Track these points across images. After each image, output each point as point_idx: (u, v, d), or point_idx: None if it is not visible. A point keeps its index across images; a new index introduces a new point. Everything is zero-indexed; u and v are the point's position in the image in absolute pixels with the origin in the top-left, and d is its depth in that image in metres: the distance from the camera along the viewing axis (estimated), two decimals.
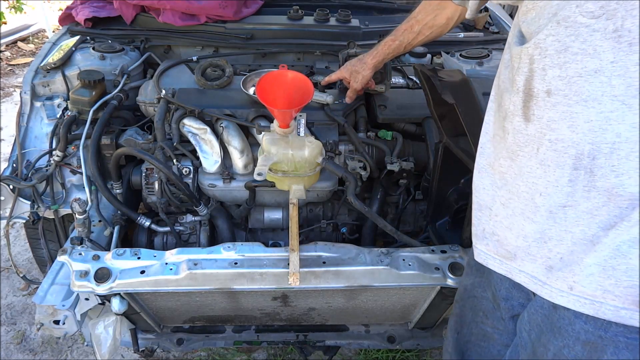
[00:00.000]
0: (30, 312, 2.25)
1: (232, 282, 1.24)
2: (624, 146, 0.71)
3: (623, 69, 0.68)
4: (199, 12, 1.80)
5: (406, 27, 1.34)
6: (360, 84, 1.46)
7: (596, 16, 0.69)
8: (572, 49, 0.72)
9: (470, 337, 1.12)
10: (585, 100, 0.72)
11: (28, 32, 5.15)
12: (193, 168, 1.48)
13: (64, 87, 1.62)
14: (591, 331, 0.80)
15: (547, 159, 0.79)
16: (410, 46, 1.36)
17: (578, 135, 0.74)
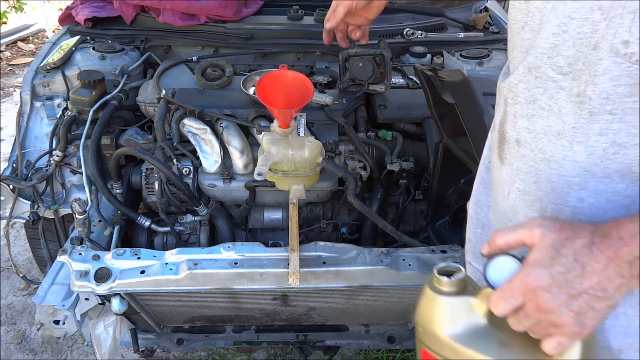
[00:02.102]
0: (30, 312, 2.25)
1: (232, 282, 1.24)
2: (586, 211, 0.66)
3: (584, 136, 0.62)
4: (199, 12, 1.80)
5: None
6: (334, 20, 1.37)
7: (564, 72, 0.63)
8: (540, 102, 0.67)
9: None
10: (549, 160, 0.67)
11: (28, 32, 5.15)
12: (193, 168, 1.48)
13: (64, 87, 1.62)
14: None
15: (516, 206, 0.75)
16: None
17: (542, 192, 0.69)
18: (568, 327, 0.57)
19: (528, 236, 0.60)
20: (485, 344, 0.63)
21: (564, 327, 0.58)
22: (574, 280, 0.56)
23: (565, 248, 0.57)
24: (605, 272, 0.55)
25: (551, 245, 0.58)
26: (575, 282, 0.56)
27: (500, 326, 0.62)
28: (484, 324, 0.64)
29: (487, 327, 0.63)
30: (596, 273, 0.55)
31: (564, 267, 0.56)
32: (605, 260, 0.55)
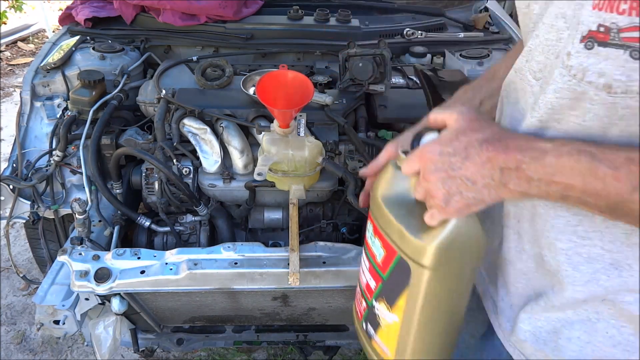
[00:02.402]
0: (30, 312, 2.25)
1: (232, 282, 1.24)
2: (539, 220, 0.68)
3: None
4: (199, 12, 1.80)
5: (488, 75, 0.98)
6: None
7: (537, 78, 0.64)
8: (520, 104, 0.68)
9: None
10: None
11: (28, 32, 5.15)
12: (193, 168, 1.48)
13: (64, 87, 1.62)
14: None
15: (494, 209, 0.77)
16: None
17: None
18: (437, 200, 0.63)
19: (448, 118, 0.66)
20: (399, 209, 0.70)
21: (435, 199, 0.64)
22: (455, 163, 0.62)
23: (464, 136, 0.62)
24: (480, 168, 0.60)
25: (456, 130, 0.63)
26: (455, 166, 0.62)
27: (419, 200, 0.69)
28: (407, 192, 0.70)
29: (407, 196, 0.70)
30: (473, 165, 0.61)
31: (453, 150, 0.62)
32: (485, 159, 0.60)
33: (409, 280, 0.70)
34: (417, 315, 0.72)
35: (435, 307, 0.73)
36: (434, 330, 0.76)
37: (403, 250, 0.70)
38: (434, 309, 0.73)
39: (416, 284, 0.70)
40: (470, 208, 0.63)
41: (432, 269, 0.67)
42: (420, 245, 0.67)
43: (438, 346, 0.78)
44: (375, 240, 0.76)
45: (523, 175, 0.58)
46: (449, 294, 0.72)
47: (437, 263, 0.67)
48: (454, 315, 0.76)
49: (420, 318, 0.73)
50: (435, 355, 0.79)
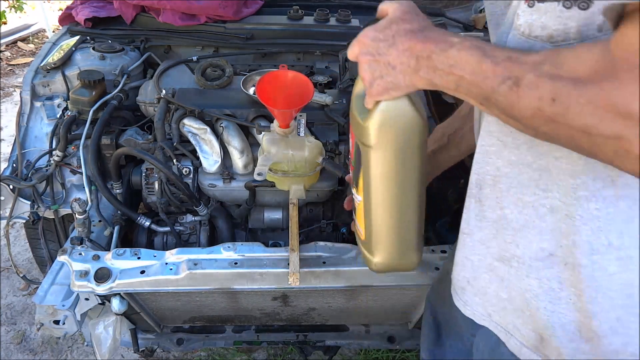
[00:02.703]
0: (30, 312, 2.25)
1: (232, 282, 1.24)
2: (504, 180, 0.72)
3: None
4: (199, 12, 1.80)
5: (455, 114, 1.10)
6: None
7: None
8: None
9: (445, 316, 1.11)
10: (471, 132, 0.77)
11: (28, 32, 5.16)
12: (193, 168, 1.48)
13: (64, 87, 1.62)
14: None
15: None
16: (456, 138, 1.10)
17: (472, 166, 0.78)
18: (365, 82, 0.71)
19: (389, 7, 0.70)
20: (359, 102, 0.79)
21: (364, 81, 0.71)
22: (382, 48, 0.67)
23: (395, 25, 0.68)
24: (400, 55, 0.66)
25: (390, 19, 0.69)
26: (381, 50, 0.67)
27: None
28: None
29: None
30: (396, 51, 0.66)
31: (383, 36, 0.68)
32: (406, 46, 0.65)
33: (361, 161, 0.81)
34: (371, 190, 0.83)
35: (384, 182, 0.81)
36: (389, 204, 0.84)
37: (357, 135, 0.81)
38: (382, 184, 0.81)
39: (366, 162, 0.80)
40: (389, 92, 0.70)
41: (373, 147, 0.77)
42: (363, 126, 0.76)
43: (397, 221, 0.86)
44: (350, 134, 0.88)
45: (431, 64, 0.64)
46: (394, 169, 0.80)
47: (375, 141, 0.76)
48: (404, 190, 0.83)
49: (374, 193, 0.83)
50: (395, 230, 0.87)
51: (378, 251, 0.91)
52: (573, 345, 0.71)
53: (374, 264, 0.92)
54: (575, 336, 0.71)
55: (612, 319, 0.68)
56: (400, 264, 0.93)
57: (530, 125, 0.58)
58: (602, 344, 0.69)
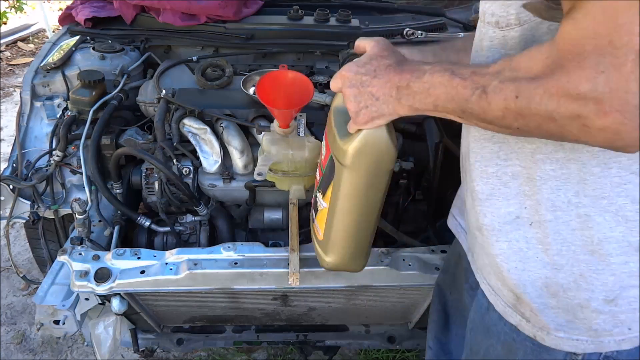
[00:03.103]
0: (30, 312, 2.25)
1: (232, 282, 1.24)
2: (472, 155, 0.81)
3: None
4: (199, 12, 1.80)
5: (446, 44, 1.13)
6: None
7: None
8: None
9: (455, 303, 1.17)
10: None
11: (28, 32, 5.16)
12: (193, 168, 1.48)
13: (64, 87, 1.61)
14: (507, 332, 0.85)
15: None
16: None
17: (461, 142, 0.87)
18: (351, 112, 0.79)
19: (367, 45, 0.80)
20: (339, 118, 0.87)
21: (350, 111, 0.79)
22: (365, 81, 0.76)
23: (375, 60, 0.77)
24: (382, 86, 0.74)
25: (370, 55, 0.78)
26: (365, 83, 0.76)
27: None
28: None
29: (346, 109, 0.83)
30: (378, 84, 0.75)
31: (365, 70, 0.76)
32: (387, 79, 0.74)
33: (334, 174, 0.90)
34: (338, 203, 0.93)
35: (351, 199, 0.91)
36: (350, 218, 0.95)
37: (333, 150, 0.89)
38: (349, 201, 0.92)
39: (338, 178, 0.90)
40: (374, 120, 0.78)
41: (348, 168, 0.86)
42: (342, 148, 0.84)
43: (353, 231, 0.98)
44: (323, 141, 0.97)
45: (411, 91, 0.72)
46: (362, 190, 0.90)
47: (352, 163, 0.85)
48: (366, 207, 0.94)
49: (340, 206, 0.93)
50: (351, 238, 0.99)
51: (332, 253, 1.02)
52: (541, 300, 0.78)
53: (327, 262, 1.04)
54: (542, 292, 0.77)
55: (575, 273, 0.74)
56: (348, 266, 1.06)
57: (504, 124, 0.64)
58: (567, 297, 0.76)
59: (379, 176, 0.89)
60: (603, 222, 0.71)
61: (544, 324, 0.78)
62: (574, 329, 0.77)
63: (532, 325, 0.80)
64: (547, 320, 0.78)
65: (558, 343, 0.78)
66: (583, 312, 0.75)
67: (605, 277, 0.73)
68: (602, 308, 0.74)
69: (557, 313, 0.77)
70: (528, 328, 0.81)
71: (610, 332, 0.76)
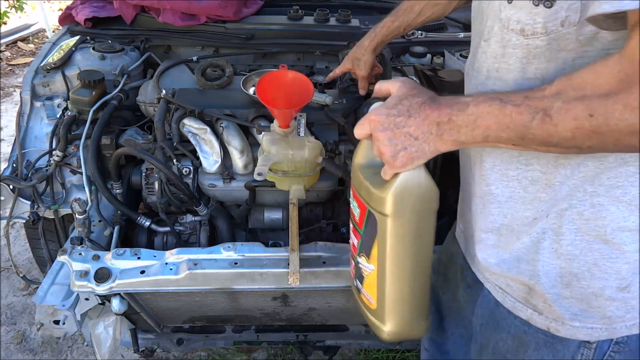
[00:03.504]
0: (30, 312, 2.25)
1: (232, 282, 1.24)
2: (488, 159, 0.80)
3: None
4: (199, 12, 1.80)
5: (406, 6, 1.25)
6: (365, 69, 1.41)
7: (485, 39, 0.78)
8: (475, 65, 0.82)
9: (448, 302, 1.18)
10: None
11: (28, 32, 5.16)
12: (193, 168, 1.48)
13: (64, 87, 1.62)
14: (518, 325, 0.86)
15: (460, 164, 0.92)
16: (410, 27, 1.29)
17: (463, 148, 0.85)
18: (387, 156, 0.75)
19: (392, 87, 0.77)
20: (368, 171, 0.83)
21: (385, 155, 0.75)
22: (399, 122, 0.73)
23: (406, 100, 0.74)
24: (420, 125, 0.72)
25: (399, 96, 0.75)
26: (399, 125, 0.73)
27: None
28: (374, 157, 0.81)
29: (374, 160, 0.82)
30: (415, 123, 0.72)
31: (397, 112, 0.74)
32: (424, 116, 0.72)
33: (376, 229, 0.83)
34: (387, 259, 0.84)
35: (401, 250, 0.83)
36: (404, 272, 0.86)
37: (370, 204, 0.82)
38: (399, 252, 0.84)
39: (382, 231, 0.82)
40: (414, 161, 0.75)
41: (391, 216, 0.80)
42: (380, 197, 0.79)
43: (411, 288, 0.88)
44: (353, 202, 0.89)
45: (454, 125, 0.70)
46: (410, 236, 0.83)
47: (394, 210, 0.79)
48: (419, 257, 0.86)
49: (390, 262, 0.84)
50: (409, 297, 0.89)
51: (391, 319, 0.90)
52: (555, 291, 0.78)
53: (387, 332, 0.91)
54: (556, 282, 0.78)
55: (589, 262, 0.75)
56: (411, 332, 0.93)
57: (572, 145, 0.63)
58: (581, 287, 0.77)
59: (426, 218, 0.83)
60: (617, 212, 0.72)
61: (559, 314, 0.79)
62: (588, 318, 0.78)
63: (545, 317, 0.81)
64: (561, 311, 0.79)
65: (573, 333, 0.80)
66: (597, 300, 0.77)
67: (619, 265, 0.74)
68: (615, 295, 0.76)
69: (571, 303, 0.78)
70: (540, 320, 0.82)
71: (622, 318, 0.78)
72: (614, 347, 0.80)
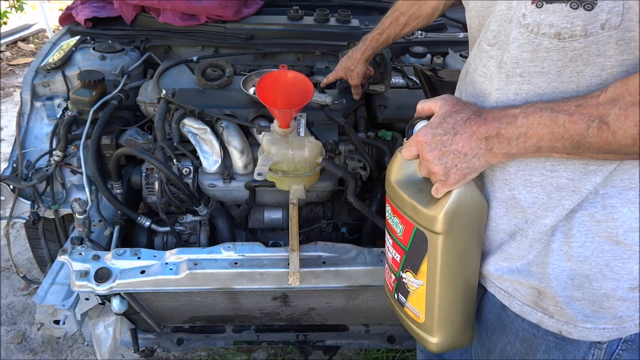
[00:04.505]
0: (30, 312, 2.25)
1: (232, 282, 1.24)
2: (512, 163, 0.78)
3: (504, 96, 0.75)
4: (199, 12, 1.80)
5: (392, 19, 1.29)
6: (357, 79, 1.45)
7: (491, 44, 0.77)
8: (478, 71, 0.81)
9: None
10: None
11: (28, 32, 5.16)
12: (193, 168, 1.48)
13: (64, 87, 1.62)
14: (526, 329, 0.85)
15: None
16: (398, 37, 1.34)
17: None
18: (438, 176, 0.75)
19: (434, 105, 0.78)
20: (410, 188, 0.83)
21: (436, 175, 0.75)
22: (447, 141, 0.74)
23: (450, 117, 0.75)
24: (468, 141, 0.73)
25: (442, 114, 0.76)
26: (447, 143, 0.74)
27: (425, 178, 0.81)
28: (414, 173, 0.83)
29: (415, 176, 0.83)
30: (462, 140, 0.73)
31: (443, 130, 0.74)
32: (471, 132, 0.72)
33: (427, 247, 0.82)
34: (438, 276, 0.84)
35: (453, 266, 0.83)
36: (455, 287, 0.86)
37: (418, 222, 0.82)
38: (451, 268, 0.84)
39: (433, 249, 0.81)
40: (466, 177, 0.75)
41: (444, 234, 0.79)
42: (432, 216, 0.78)
43: (461, 302, 0.89)
44: (394, 218, 0.88)
45: (504, 138, 0.70)
46: (463, 252, 0.83)
47: (448, 228, 0.78)
48: (469, 271, 0.87)
49: (442, 278, 0.84)
50: (459, 311, 0.89)
51: (439, 333, 0.91)
52: (566, 293, 0.78)
53: (436, 345, 0.92)
54: (567, 284, 0.78)
55: (601, 264, 0.75)
56: (460, 342, 0.94)
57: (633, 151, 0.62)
58: (593, 288, 0.76)
59: (477, 232, 0.83)
60: (629, 213, 0.72)
61: (571, 316, 0.79)
62: (600, 319, 0.78)
63: (557, 320, 0.80)
64: (574, 313, 0.78)
65: (586, 334, 0.79)
66: (609, 301, 0.77)
67: (631, 265, 0.74)
68: (626, 295, 0.76)
69: (583, 304, 0.78)
70: (551, 324, 0.81)
71: (632, 317, 0.78)
72: (623, 346, 0.80)
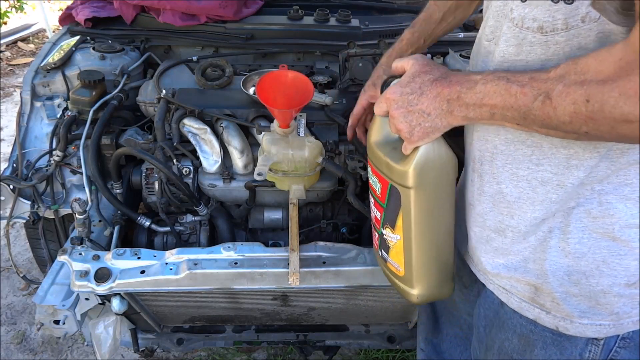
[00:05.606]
0: (30, 312, 2.25)
1: (232, 282, 1.24)
2: (500, 157, 0.80)
3: None
4: (199, 12, 1.80)
5: (425, 15, 1.16)
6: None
7: (489, 39, 0.80)
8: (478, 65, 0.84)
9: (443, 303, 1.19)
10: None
11: (28, 32, 5.16)
12: (193, 168, 1.48)
13: (64, 87, 1.62)
14: (524, 325, 0.86)
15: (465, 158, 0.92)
16: (431, 38, 1.18)
17: (473, 141, 0.86)
18: (403, 133, 0.78)
19: (406, 64, 0.80)
20: (386, 147, 0.87)
21: (402, 132, 0.79)
22: (412, 100, 0.76)
23: (418, 77, 0.77)
24: (432, 101, 0.75)
25: (412, 74, 0.78)
26: (413, 102, 0.76)
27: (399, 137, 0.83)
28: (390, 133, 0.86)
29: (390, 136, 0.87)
30: (427, 100, 0.75)
31: (410, 89, 0.77)
32: (435, 94, 0.75)
33: (400, 202, 0.87)
34: (413, 229, 0.88)
35: (425, 219, 0.87)
36: (429, 240, 0.90)
37: (392, 179, 0.86)
38: (424, 221, 0.88)
39: (406, 203, 0.86)
40: (430, 136, 0.77)
41: (414, 188, 0.83)
42: (403, 171, 0.83)
43: (436, 254, 0.92)
44: (373, 178, 0.93)
45: (463, 102, 0.72)
46: (434, 205, 0.87)
47: (417, 182, 0.82)
48: (442, 223, 0.90)
49: (416, 231, 0.88)
50: (435, 262, 0.93)
51: (419, 283, 0.94)
52: (563, 289, 0.78)
53: (416, 296, 0.96)
54: (564, 280, 0.78)
55: (597, 260, 0.75)
56: (440, 293, 0.98)
57: (570, 129, 0.63)
58: (589, 284, 0.77)
59: (447, 187, 0.86)
60: (625, 209, 0.72)
61: (568, 312, 0.79)
62: (597, 315, 0.79)
63: (553, 316, 0.81)
64: (570, 309, 0.79)
65: (582, 330, 0.80)
66: (606, 297, 0.77)
67: (628, 261, 0.74)
68: (623, 292, 0.76)
69: (579, 300, 0.79)
70: (548, 319, 0.82)
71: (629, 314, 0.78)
72: (620, 343, 0.81)
